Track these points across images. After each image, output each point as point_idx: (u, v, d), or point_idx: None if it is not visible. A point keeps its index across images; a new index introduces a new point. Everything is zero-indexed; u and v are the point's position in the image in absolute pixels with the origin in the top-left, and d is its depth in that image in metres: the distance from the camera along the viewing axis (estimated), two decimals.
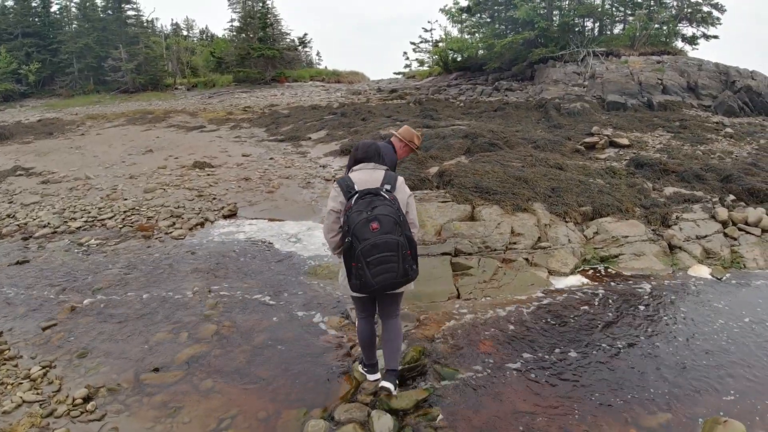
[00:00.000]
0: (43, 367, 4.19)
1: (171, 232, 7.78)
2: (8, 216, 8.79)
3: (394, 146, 4.55)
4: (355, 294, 3.42)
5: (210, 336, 4.66)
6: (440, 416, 3.50)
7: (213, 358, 4.30)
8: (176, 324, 4.90)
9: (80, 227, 8.16)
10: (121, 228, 8.09)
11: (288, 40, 49.64)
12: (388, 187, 3.32)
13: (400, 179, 3.48)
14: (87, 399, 3.74)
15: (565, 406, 3.65)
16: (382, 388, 3.54)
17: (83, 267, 6.52)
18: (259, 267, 6.41)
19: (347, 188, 3.31)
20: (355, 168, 3.49)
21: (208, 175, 11.56)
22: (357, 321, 3.78)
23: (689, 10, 26.15)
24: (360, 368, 3.92)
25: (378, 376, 3.78)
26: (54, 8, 46.19)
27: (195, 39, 66.51)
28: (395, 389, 3.56)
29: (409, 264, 3.17)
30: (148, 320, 5.00)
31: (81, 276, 6.22)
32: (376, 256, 3.05)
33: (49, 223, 8.26)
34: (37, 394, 3.83)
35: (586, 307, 5.23)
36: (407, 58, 39.15)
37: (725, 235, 7.10)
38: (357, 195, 3.21)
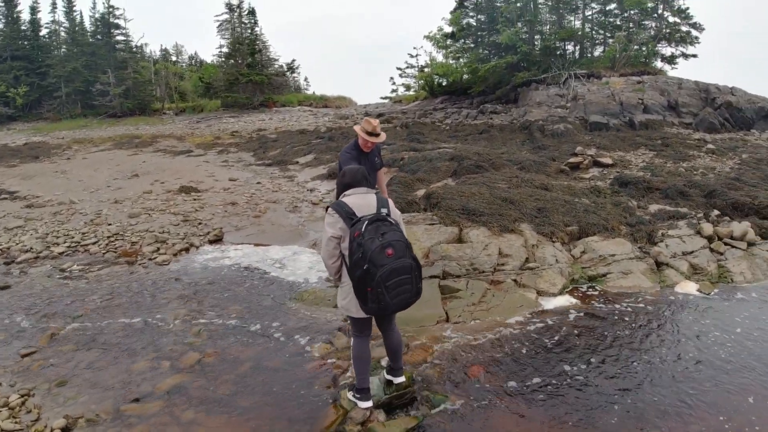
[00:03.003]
0: (22, 396, 4.06)
1: (155, 258, 7.66)
2: None
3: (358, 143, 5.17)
4: (361, 316, 3.49)
5: (193, 365, 4.54)
6: None
7: (195, 388, 4.18)
8: (158, 352, 4.78)
9: (63, 252, 8.01)
10: (104, 253, 7.96)
11: (276, 65, 50.09)
12: (385, 211, 3.44)
13: (391, 201, 3.62)
14: (66, 429, 3.62)
15: (557, 429, 3.58)
16: (398, 384, 3.85)
17: (65, 293, 6.38)
18: (245, 293, 6.31)
19: (347, 214, 3.38)
20: (347, 193, 3.56)
21: (194, 199, 11.46)
22: (354, 340, 3.74)
23: (668, 31, 26.83)
24: (350, 396, 3.81)
25: (370, 403, 3.70)
26: (43, 32, 46.35)
27: (184, 64, 66.89)
28: (402, 377, 3.91)
29: (419, 283, 3.38)
30: (130, 348, 4.88)
31: (62, 302, 6.07)
32: (395, 280, 3.20)
33: (31, 248, 8.11)
34: (16, 422, 3.70)
35: (575, 328, 5.20)
36: (394, 83, 39.64)
37: (711, 250, 7.14)
38: (366, 222, 3.27)
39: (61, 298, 6.21)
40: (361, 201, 3.47)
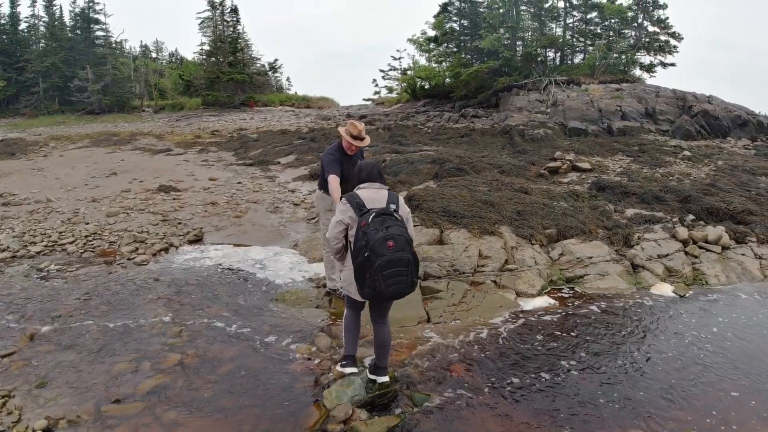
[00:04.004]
0: (2, 397, 4.00)
1: (134, 258, 7.57)
2: None
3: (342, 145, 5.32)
4: (358, 299, 3.85)
5: (173, 366, 4.52)
6: None
7: (177, 388, 4.16)
8: (138, 353, 4.74)
9: (40, 252, 7.86)
10: (82, 253, 7.84)
11: (258, 64, 49.85)
12: (393, 206, 3.72)
13: (401, 198, 3.92)
14: (47, 431, 3.59)
15: (538, 428, 3.66)
16: (381, 383, 3.93)
17: (43, 293, 6.27)
18: (225, 294, 6.28)
19: (357, 205, 3.68)
20: (361, 186, 3.86)
21: (174, 199, 11.35)
22: (346, 311, 4.10)
23: (647, 40, 27.43)
24: (338, 367, 4.14)
25: (355, 369, 4.06)
26: (22, 26, 45.43)
27: (164, 61, 66.19)
28: (386, 377, 3.99)
29: (415, 276, 3.59)
30: (110, 349, 4.83)
31: (40, 302, 5.97)
32: (391, 270, 3.44)
33: (8, 247, 7.94)
34: None
35: (554, 328, 5.30)
36: (376, 86, 39.79)
37: (686, 253, 7.33)
38: (374, 214, 3.56)
39: (39, 298, 6.11)
40: (373, 195, 3.75)
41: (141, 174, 14.77)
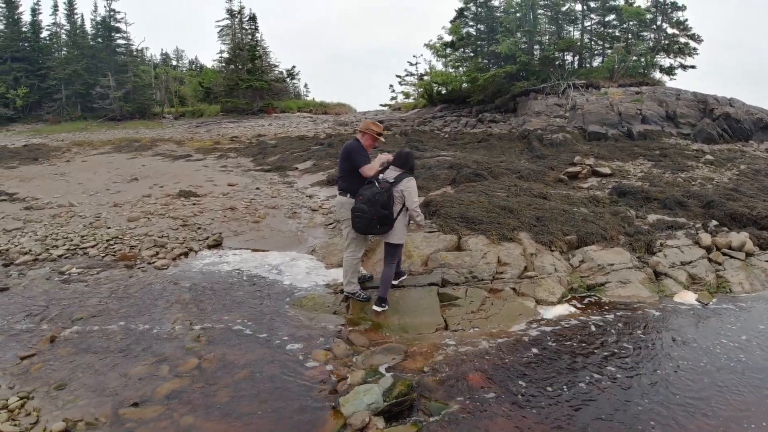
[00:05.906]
0: (21, 398, 4.05)
1: (154, 262, 7.65)
2: None
3: (360, 141, 5.74)
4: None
5: (191, 370, 4.54)
6: None
7: (194, 393, 4.17)
8: (157, 357, 4.77)
9: (62, 255, 7.99)
10: (103, 257, 7.95)
11: (276, 71, 50.21)
12: (393, 180, 5.45)
13: (406, 178, 5.51)
14: None
15: None
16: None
17: (64, 296, 6.37)
18: (243, 298, 6.30)
19: (377, 180, 5.49)
20: (389, 168, 5.58)
21: (194, 204, 11.46)
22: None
23: (666, 42, 27.03)
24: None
25: (386, 308, 5.67)
26: (44, 34, 46.48)
27: (184, 69, 67.20)
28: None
29: (373, 225, 5.34)
30: (128, 352, 4.87)
31: (61, 305, 6.06)
32: (356, 214, 5.38)
33: (30, 250, 8.09)
34: (15, 425, 3.70)
35: (574, 338, 5.21)
36: (393, 91, 39.98)
37: (710, 260, 7.16)
38: (368, 181, 5.46)
39: (60, 301, 6.20)
40: (388, 174, 5.54)
41: (161, 179, 14.95)
